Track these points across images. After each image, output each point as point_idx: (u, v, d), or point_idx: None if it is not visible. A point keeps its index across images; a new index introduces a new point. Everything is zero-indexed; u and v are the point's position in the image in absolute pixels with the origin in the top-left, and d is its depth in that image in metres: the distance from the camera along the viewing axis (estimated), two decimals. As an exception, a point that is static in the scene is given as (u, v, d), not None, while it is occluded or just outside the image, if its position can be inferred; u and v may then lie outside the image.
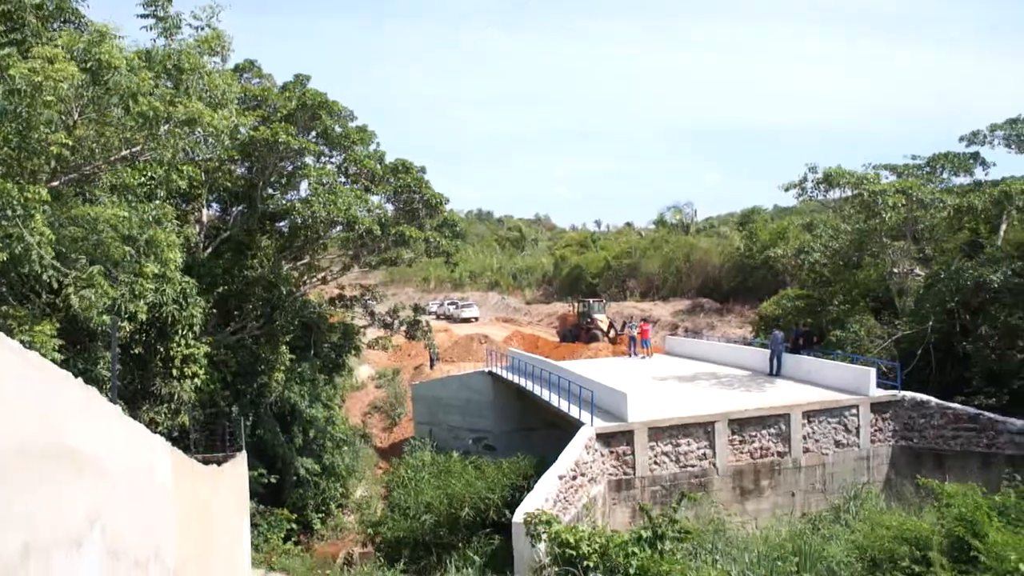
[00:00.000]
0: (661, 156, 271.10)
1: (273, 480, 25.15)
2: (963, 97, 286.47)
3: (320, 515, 27.86)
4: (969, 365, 27.90)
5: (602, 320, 50.09)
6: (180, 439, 19.13)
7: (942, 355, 29.00)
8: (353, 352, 30.57)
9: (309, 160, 25.46)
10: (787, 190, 31.33)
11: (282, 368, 24.91)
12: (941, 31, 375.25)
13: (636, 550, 12.86)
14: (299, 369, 26.62)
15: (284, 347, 25.05)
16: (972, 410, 23.63)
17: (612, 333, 48.33)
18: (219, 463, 17.12)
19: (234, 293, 24.22)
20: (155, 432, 8.11)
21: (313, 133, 25.14)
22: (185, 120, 15.61)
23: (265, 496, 25.15)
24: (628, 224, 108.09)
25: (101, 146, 15.47)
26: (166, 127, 15.54)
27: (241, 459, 18.76)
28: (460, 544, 21.94)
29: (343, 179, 25.94)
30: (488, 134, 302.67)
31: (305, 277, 27.57)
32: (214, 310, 22.78)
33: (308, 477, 27.07)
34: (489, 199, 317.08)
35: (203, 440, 21.41)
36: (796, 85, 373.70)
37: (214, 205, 26.82)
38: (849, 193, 30.29)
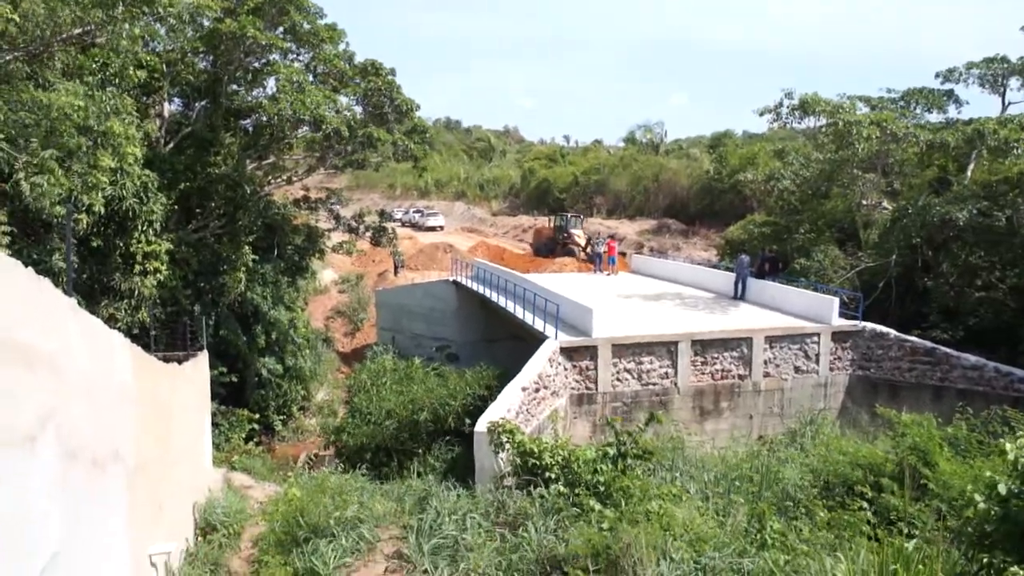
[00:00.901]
0: (627, 75, 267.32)
1: (234, 380, 25.07)
2: (941, 35, 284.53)
3: (282, 417, 27.95)
4: (928, 300, 28.32)
5: (579, 236, 49.68)
6: (140, 336, 18.78)
7: (903, 289, 29.35)
8: (317, 255, 30.18)
9: (276, 57, 24.52)
10: (762, 115, 31.07)
11: (244, 268, 24.55)
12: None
13: (602, 466, 12.96)
14: (262, 270, 26.28)
15: (247, 247, 24.64)
16: (929, 344, 23.96)
17: (589, 249, 48.06)
18: (180, 361, 16.89)
19: (196, 190, 23.63)
20: (114, 328, 7.82)
21: (280, 29, 24.16)
22: (142, -2, 14.72)
23: (226, 396, 25.09)
24: (597, 141, 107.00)
25: (51, 22, 14.59)
26: (121, 6, 14.66)
27: (203, 358, 18.52)
28: (421, 451, 22.06)
29: (311, 78, 25.09)
30: (448, 40, 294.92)
31: (270, 177, 26.98)
32: (175, 207, 22.24)
33: (270, 378, 27.04)
34: (457, 109, 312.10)
35: (164, 338, 21.08)
36: (771, 6, 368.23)
37: (176, 100, 25.90)
38: (824, 122, 30.06)
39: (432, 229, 69.25)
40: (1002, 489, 6.83)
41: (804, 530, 10.67)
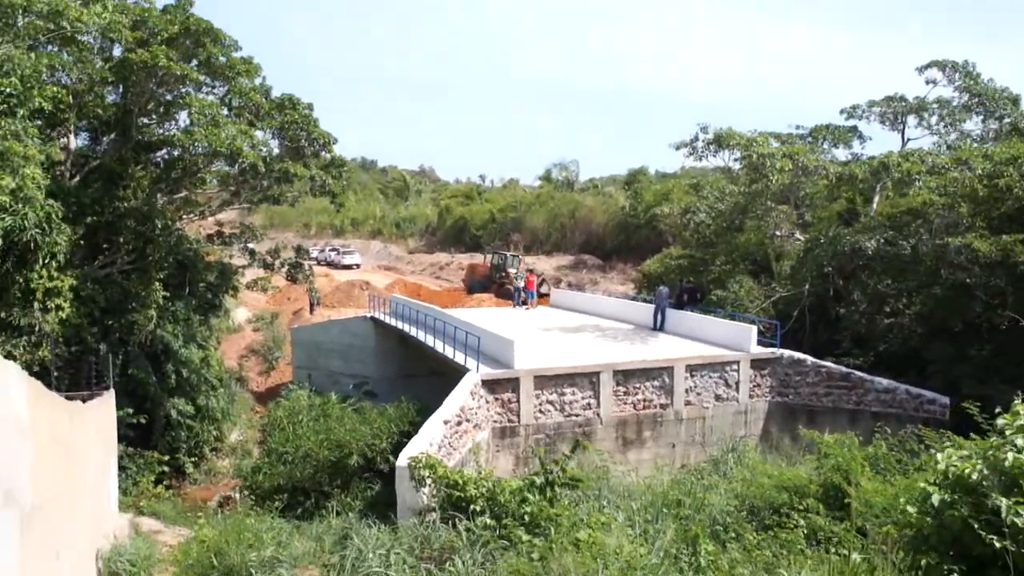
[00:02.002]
0: (540, 116, 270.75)
1: (143, 421, 24.09)
2: (845, 75, 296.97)
3: (193, 459, 26.97)
4: (840, 328, 29.19)
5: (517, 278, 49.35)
6: (41, 375, 17.88)
7: (816, 318, 30.24)
8: (231, 292, 29.38)
9: (190, 90, 23.93)
10: (678, 148, 31.77)
11: (154, 306, 23.69)
12: (821, 13, 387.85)
13: (529, 496, 12.79)
14: (173, 308, 25.45)
15: (157, 284, 23.81)
16: (844, 369, 24.68)
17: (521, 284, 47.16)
18: (84, 400, 16.17)
19: (104, 225, 22.80)
20: (12, 365, 7.38)
21: (195, 61, 23.63)
22: (48, 12, 14.10)
23: (135, 439, 24.11)
24: (513, 180, 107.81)
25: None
26: (24, 19, 14.02)
27: (109, 397, 17.78)
28: (338, 490, 21.55)
29: (226, 112, 24.59)
30: (360, 80, 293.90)
31: (182, 212, 26.20)
32: (81, 241, 21.40)
33: (181, 419, 26.09)
34: (371, 149, 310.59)
35: (67, 378, 20.17)
36: (680, 52, 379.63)
37: (83, 133, 25.08)
38: (738, 155, 30.88)
39: (348, 267, 68.50)
40: (935, 500, 6.96)
41: (734, 553, 10.67)
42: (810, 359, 24.81)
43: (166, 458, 24.97)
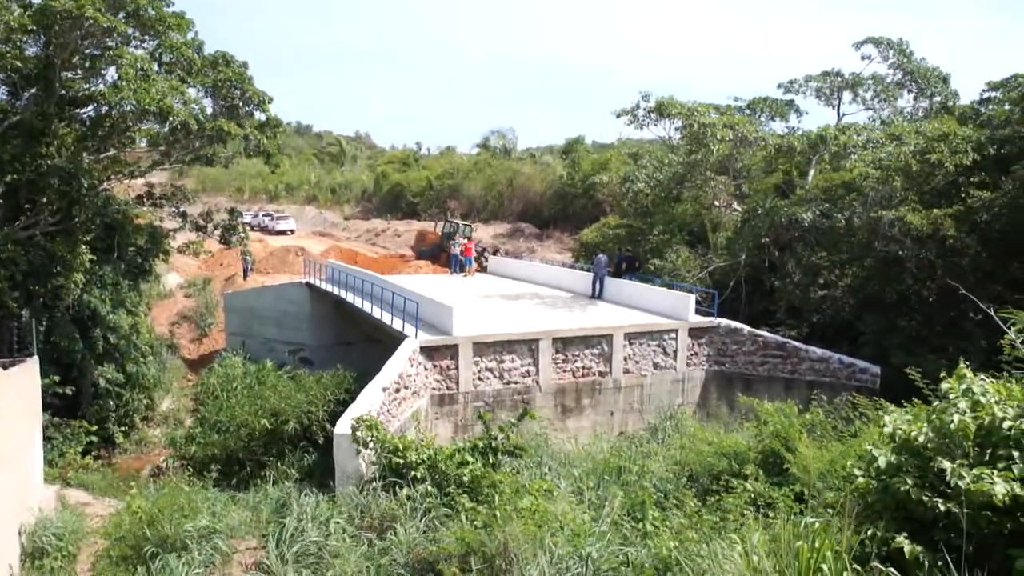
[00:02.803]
0: (478, 85, 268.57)
1: (69, 392, 23.30)
2: (783, 50, 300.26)
3: (123, 428, 26.22)
4: (775, 299, 29.63)
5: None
6: (-41, 341, 17.17)
7: (751, 288, 30.67)
8: (161, 257, 28.42)
9: (117, 42, 22.81)
10: (619, 116, 31.70)
11: (81, 270, 22.79)
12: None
13: (469, 459, 12.67)
14: (100, 272, 24.54)
15: (84, 247, 22.88)
16: (780, 339, 25.10)
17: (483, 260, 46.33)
18: (5, 368, 15.52)
19: (25, 183, 21.80)
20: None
21: (123, 13, 22.55)
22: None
23: (61, 408, 23.36)
24: (450, 148, 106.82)
25: None
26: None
27: (32, 365, 17.11)
28: (273, 459, 21.17)
29: (156, 67, 23.57)
30: (298, 46, 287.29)
31: (110, 172, 25.12)
32: (1, 201, 20.46)
33: (110, 388, 25.30)
34: (307, 114, 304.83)
35: (-14, 345, 19.34)
36: (616, 26, 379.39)
37: (1, 88, 23.86)
38: (678, 124, 30.95)
39: (283, 233, 67.29)
40: (882, 463, 7.00)
41: (676, 519, 10.71)
42: (747, 328, 25.11)
43: (94, 428, 24.23)
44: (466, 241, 40.17)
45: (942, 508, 6.52)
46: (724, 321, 25.26)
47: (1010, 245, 24.36)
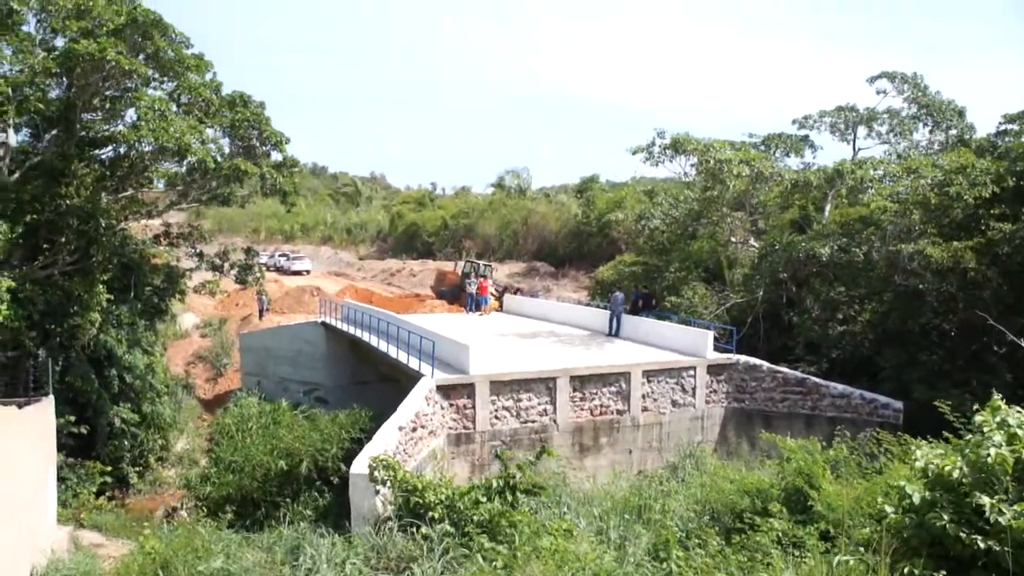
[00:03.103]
0: (492, 125, 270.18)
1: (84, 431, 23.23)
2: (799, 88, 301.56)
3: (137, 469, 26.12)
4: (793, 334, 29.33)
5: (489, 284, 48.65)
6: (-25, 381, 17.17)
7: (769, 324, 30.39)
8: (177, 297, 28.53)
9: (137, 84, 23.05)
10: (635, 153, 31.62)
11: (98, 309, 22.83)
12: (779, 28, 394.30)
13: (483, 498, 12.44)
14: (117, 312, 24.65)
15: (101, 286, 22.95)
16: (799, 374, 24.76)
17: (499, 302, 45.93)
18: (20, 407, 15.47)
19: (44, 223, 21.97)
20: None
21: (143, 55, 22.82)
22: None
23: (75, 448, 23.33)
24: (465, 188, 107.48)
25: None
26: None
27: (47, 404, 17.09)
28: (288, 500, 20.97)
29: (175, 108, 23.80)
30: (313, 85, 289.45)
31: (127, 211, 25.27)
32: (20, 240, 20.55)
33: (125, 428, 25.25)
34: (322, 155, 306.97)
35: (3, 384, 19.34)
36: (628, 65, 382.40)
37: (23, 129, 24.14)
38: (694, 161, 30.89)
39: (298, 273, 67.36)
40: (916, 498, 6.78)
41: (700, 559, 10.44)
42: (766, 364, 24.83)
43: (109, 468, 24.16)
44: (482, 280, 40.11)
45: (982, 546, 6.29)
46: (743, 358, 24.99)
47: (1032, 278, 24.13)
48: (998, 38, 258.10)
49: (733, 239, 35.08)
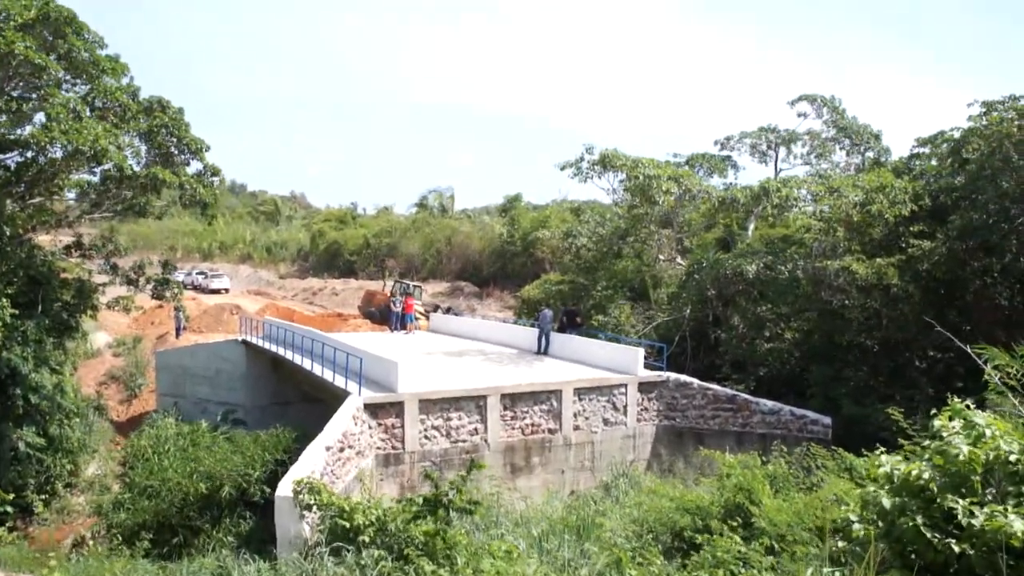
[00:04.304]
0: (410, 141, 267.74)
1: (-18, 456, 21.82)
2: (720, 107, 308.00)
3: (43, 496, 24.61)
4: (720, 352, 29.49)
5: (418, 305, 47.87)
6: None
7: (696, 342, 30.56)
8: (89, 313, 27.11)
9: (48, 83, 21.81)
10: (563, 169, 31.54)
11: (1, 324, 21.50)
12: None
13: (416, 518, 11.87)
14: (22, 327, 23.22)
15: (4, 300, 21.64)
16: (730, 391, 24.77)
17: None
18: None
19: (-57, 233, 20.65)
20: None
21: (55, 55, 21.63)
22: None
23: (-28, 474, 21.82)
24: (387, 207, 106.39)
25: None
26: None
27: (-56, 426, 15.86)
28: (209, 526, 20.00)
29: (88, 112, 22.60)
30: (231, 101, 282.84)
31: (35, 221, 23.93)
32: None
33: (30, 452, 23.81)
34: (240, 172, 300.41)
35: None
36: (548, 80, 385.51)
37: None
38: (623, 177, 30.89)
39: (217, 291, 65.58)
40: (887, 504, 6.53)
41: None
42: (696, 382, 24.80)
43: (11, 496, 22.54)
44: (407, 298, 39.48)
45: (956, 549, 6.06)
46: (673, 375, 24.92)
47: (948, 293, 24.73)
48: (917, 60, 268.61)
49: (660, 257, 35.22)
